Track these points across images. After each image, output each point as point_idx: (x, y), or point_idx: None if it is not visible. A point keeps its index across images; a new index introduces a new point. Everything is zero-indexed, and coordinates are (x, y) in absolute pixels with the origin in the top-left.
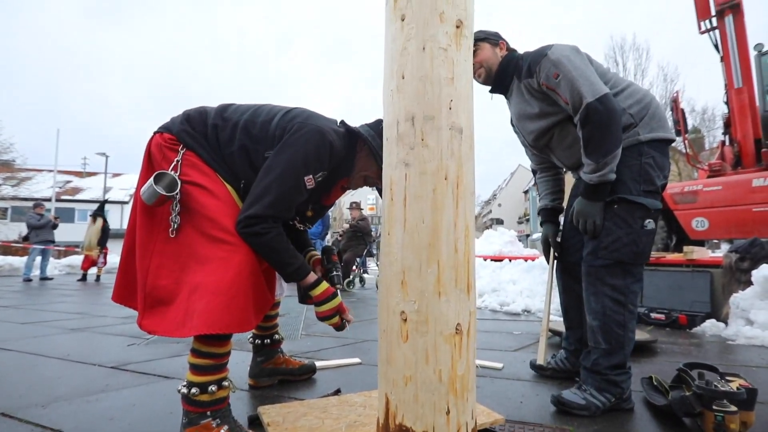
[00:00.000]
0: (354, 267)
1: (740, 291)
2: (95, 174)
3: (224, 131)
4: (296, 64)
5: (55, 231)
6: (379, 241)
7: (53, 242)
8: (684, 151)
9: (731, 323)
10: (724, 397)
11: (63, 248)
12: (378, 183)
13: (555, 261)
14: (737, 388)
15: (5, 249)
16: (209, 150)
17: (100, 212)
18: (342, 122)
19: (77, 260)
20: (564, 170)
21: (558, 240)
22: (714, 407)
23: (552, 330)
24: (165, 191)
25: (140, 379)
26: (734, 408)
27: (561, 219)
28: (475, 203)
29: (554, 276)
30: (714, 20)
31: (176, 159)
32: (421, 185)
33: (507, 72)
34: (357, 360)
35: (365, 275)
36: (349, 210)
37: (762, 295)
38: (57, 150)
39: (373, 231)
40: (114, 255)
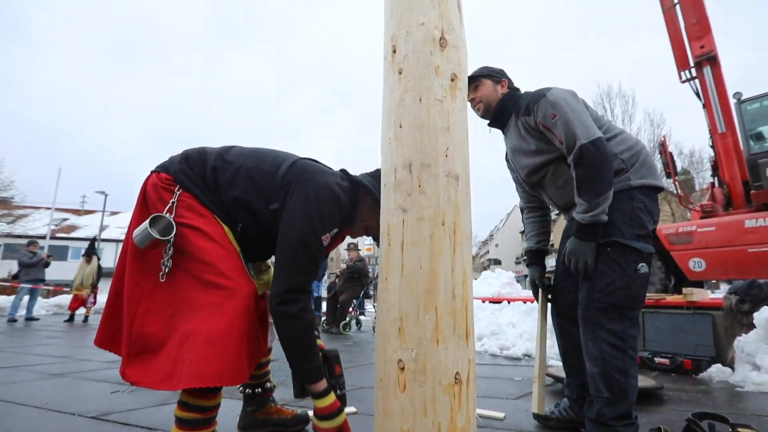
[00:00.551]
0: (350, 309)
1: (743, 334)
2: (93, 212)
3: (225, 174)
4: (295, 110)
5: (47, 269)
6: (377, 283)
7: (43, 281)
8: (676, 192)
9: (738, 368)
10: None
11: (52, 287)
12: (378, 232)
13: (547, 303)
14: None
15: None
16: (206, 192)
17: (93, 250)
18: (343, 172)
19: (66, 300)
20: (554, 211)
21: (546, 281)
22: None
23: (553, 376)
24: (159, 235)
25: (122, 431)
26: None
27: (550, 260)
28: (473, 243)
29: (547, 318)
30: (693, 70)
31: (172, 200)
32: (419, 231)
33: (506, 109)
34: (353, 409)
35: (362, 317)
36: (347, 251)
37: (766, 339)
38: (57, 188)
39: (371, 271)
40: (104, 294)
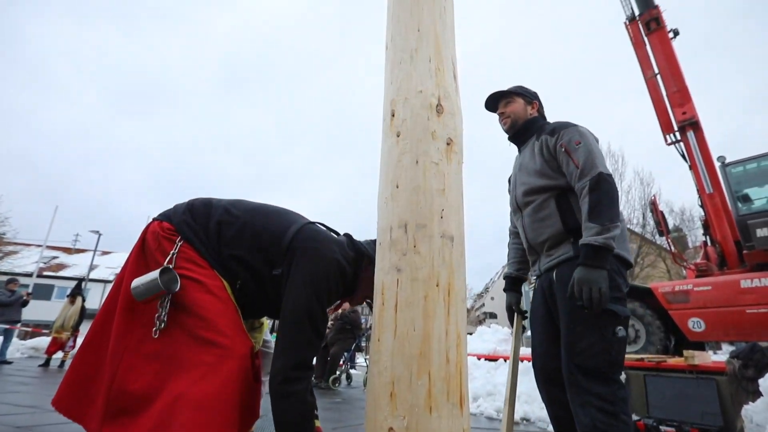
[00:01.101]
0: (341, 362)
1: (750, 402)
2: (84, 251)
3: (230, 229)
4: (295, 161)
5: (27, 309)
6: (369, 335)
7: (19, 321)
8: (669, 250)
9: None
10: None
11: (31, 328)
12: None
13: (521, 329)
14: None
15: None
16: (208, 245)
17: (79, 291)
18: (348, 238)
19: (44, 342)
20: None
21: (522, 308)
22: None
23: None
24: (163, 287)
25: None
26: None
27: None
28: (468, 296)
29: (521, 342)
30: (678, 134)
31: (172, 251)
32: (413, 291)
33: (530, 130)
34: None
35: (352, 371)
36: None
37: None
38: (51, 225)
39: (363, 321)
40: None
